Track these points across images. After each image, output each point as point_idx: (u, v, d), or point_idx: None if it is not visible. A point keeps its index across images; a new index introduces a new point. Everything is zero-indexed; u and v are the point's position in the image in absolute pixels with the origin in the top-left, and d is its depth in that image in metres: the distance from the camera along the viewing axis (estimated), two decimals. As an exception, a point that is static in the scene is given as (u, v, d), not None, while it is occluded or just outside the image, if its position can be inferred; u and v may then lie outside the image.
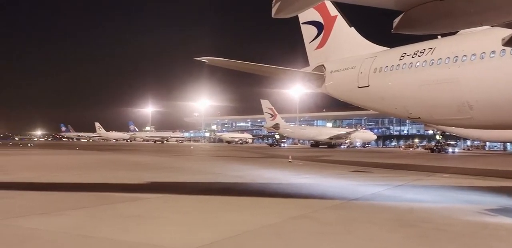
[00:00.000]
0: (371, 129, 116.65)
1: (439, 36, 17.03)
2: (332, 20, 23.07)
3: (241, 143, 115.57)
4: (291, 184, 11.16)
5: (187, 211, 6.56)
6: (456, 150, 64.77)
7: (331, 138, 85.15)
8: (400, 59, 17.36)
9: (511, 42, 8.76)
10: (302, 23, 24.94)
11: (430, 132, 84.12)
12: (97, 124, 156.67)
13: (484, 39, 14.66)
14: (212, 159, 26.32)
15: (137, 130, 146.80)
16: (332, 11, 23.04)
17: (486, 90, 14.29)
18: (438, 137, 62.38)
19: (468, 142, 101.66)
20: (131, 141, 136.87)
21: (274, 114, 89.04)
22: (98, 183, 10.48)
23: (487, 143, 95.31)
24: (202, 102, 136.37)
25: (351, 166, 19.42)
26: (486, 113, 14.68)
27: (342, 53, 22.05)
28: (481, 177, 14.57)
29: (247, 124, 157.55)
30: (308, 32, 24.65)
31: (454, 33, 15.95)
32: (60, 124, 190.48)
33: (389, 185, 10.84)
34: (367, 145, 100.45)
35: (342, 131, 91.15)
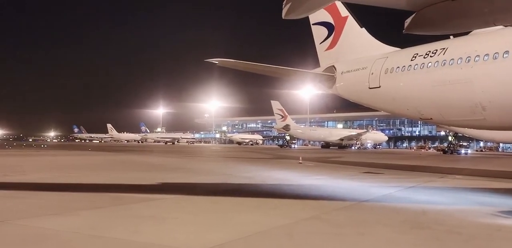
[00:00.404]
0: (382, 130, 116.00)
1: (451, 36, 16.88)
2: (343, 21, 23.00)
3: (251, 144, 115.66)
4: (301, 185, 11.14)
5: (199, 211, 6.58)
6: (469, 151, 64.09)
7: (341, 139, 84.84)
8: (411, 60, 17.25)
9: None
10: (313, 24, 24.91)
11: (442, 133, 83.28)
12: (109, 126, 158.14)
13: (497, 39, 14.52)
14: (222, 160, 26.37)
15: (148, 131, 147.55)
16: (343, 11, 22.98)
17: (500, 90, 14.12)
18: (450, 138, 61.73)
19: (481, 144, 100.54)
20: (142, 142, 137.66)
21: (284, 115, 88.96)
22: (110, 183, 10.57)
23: (501, 144, 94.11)
24: (213, 103, 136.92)
25: (362, 167, 19.31)
26: (500, 114, 14.51)
27: (353, 54, 21.97)
28: (495, 178, 14.39)
29: (258, 125, 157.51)
30: (319, 33, 24.62)
31: (466, 33, 15.80)
32: (72, 125, 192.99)
33: (400, 187, 10.76)
34: (378, 146, 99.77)
35: (353, 132, 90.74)
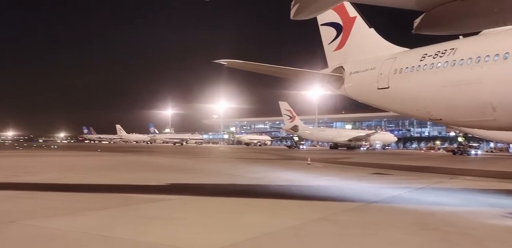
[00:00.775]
0: (391, 131, 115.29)
1: (460, 37, 16.74)
2: (351, 21, 22.92)
3: (259, 145, 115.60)
4: (310, 186, 11.12)
5: (207, 212, 6.60)
6: (479, 152, 63.46)
7: (350, 140, 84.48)
8: (421, 60, 17.13)
9: None
10: (321, 25, 24.84)
11: (452, 134, 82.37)
12: (118, 126, 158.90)
13: (508, 39, 14.37)
14: (231, 161, 26.40)
15: (157, 132, 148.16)
16: (351, 12, 22.89)
17: (510, 91, 13.98)
18: (460, 139, 61.21)
19: (491, 144, 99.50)
20: (151, 143, 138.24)
21: (292, 116, 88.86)
22: (119, 184, 10.63)
23: (511, 145, 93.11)
24: (221, 104, 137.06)
25: (370, 168, 19.23)
26: (510, 114, 14.36)
27: (362, 54, 21.87)
28: (505, 180, 14.26)
29: (266, 126, 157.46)
30: (327, 33, 24.54)
31: (476, 33, 15.66)
32: (82, 126, 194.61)
33: (409, 188, 10.70)
34: (387, 147, 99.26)
35: (362, 133, 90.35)
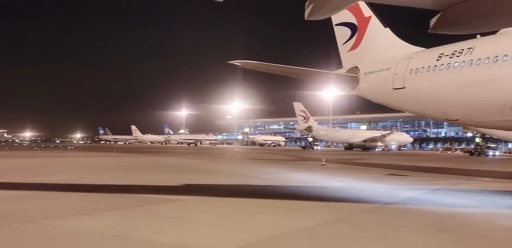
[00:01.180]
0: (407, 132, 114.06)
1: (478, 36, 16.50)
2: (366, 21, 22.76)
3: (273, 146, 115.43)
4: (324, 188, 11.06)
5: (221, 213, 6.61)
6: (497, 153, 62.39)
7: (365, 141, 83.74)
8: (437, 60, 16.92)
9: None
10: (335, 25, 24.72)
11: (469, 134, 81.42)
12: (133, 127, 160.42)
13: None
14: (245, 162, 26.41)
15: (171, 132, 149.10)
16: (366, 12, 22.73)
17: None
18: (477, 140, 60.31)
19: (510, 145, 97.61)
20: (165, 143, 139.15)
21: (307, 116, 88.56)
22: (135, 184, 10.72)
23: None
24: (235, 105, 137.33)
25: (386, 169, 19.05)
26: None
27: (377, 55, 21.70)
28: (525, 181, 13.97)
29: (280, 127, 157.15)
30: (342, 33, 24.42)
31: (494, 32, 15.41)
32: (98, 127, 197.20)
33: (426, 189, 10.56)
34: (402, 148, 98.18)
35: (377, 133, 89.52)
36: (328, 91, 76.45)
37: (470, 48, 15.82)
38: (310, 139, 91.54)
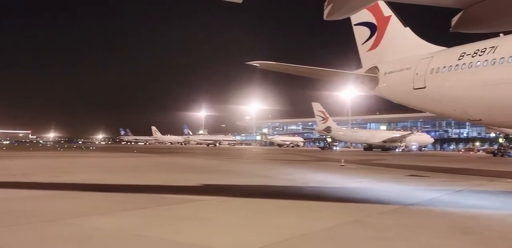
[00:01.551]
0: (428, 132, 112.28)
1: (501, 34, 16.16)
2: (385, 21, 22.53)
3: (292, 146, 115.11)
4: (344, 188, 10.99)
5: (240, 213, 6.63)
6: (522, 154, 60.90)
7: (385, 141, 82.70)
8: (459, 59, 16.64)
9: None
10: (354, 25, 24.53)
11: (492, 134, 79.66)
12: (153, 128, 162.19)
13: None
14: (263, 162, 26.43)
15: (191, 133, 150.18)
16: (386, 11, 22.50)
17: None
18: (501, 140, 58.99)
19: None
20: (185, 144, 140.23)
21: (325, 117, 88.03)
22: (154, 184, 10.83)
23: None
24: (254, 106, 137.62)
25: (406, 170, 18.80)
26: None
27: (397, 54, 21.45)
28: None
29: (298, 127, 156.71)
30: (361, 33, 24.22)
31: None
32: (119, 128, 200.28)
33: (448, 190, 10.39)
34: (423, 149, 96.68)
35: (397, 134, 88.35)
36: (347, 92, 75.92)
37: (493, 47, 15.51)
38: (329, 140, 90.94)
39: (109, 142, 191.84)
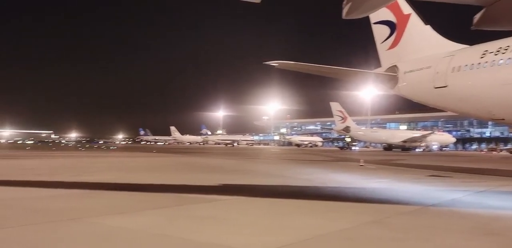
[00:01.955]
0: (449, 132, 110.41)
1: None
2: (405, 19, 22.25)
3: (310, 146, 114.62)
4: (363, 189, 10.89)
5: (258, 213, 6.64)
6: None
7: (405, 141, 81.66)
8: (481, 57, 16.33)
9: None
10: (374, 23, 24.31)
11: (516, 134, 77.97)
12: (172, 128, 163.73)
13: None
14: (281, 162, 26.39)
15: (209, 133, 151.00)
16: (406, 9, 22.23)
17: None
18: (525, 140, 57.73)
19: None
20: (203, 144, 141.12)
21: (344, 116, 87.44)
22: (174, 184, 10.94)
23: None
24: (272, 106, 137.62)
25: (427, 170, 18.52)
26: None
27: (417, 53, 21.17)
28: None
29: (317, 127, 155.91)
30: (380, 32, 23.98)
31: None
32: (139, 128, 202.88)
33: (470, 191, 10.20)
34: (444, 149, 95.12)
35: (417, 133, 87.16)
36: (366, 91, 75.22)
37: (517, 44, 15.19)
38: (348, 140, 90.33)
39: (129, 142, 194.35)
